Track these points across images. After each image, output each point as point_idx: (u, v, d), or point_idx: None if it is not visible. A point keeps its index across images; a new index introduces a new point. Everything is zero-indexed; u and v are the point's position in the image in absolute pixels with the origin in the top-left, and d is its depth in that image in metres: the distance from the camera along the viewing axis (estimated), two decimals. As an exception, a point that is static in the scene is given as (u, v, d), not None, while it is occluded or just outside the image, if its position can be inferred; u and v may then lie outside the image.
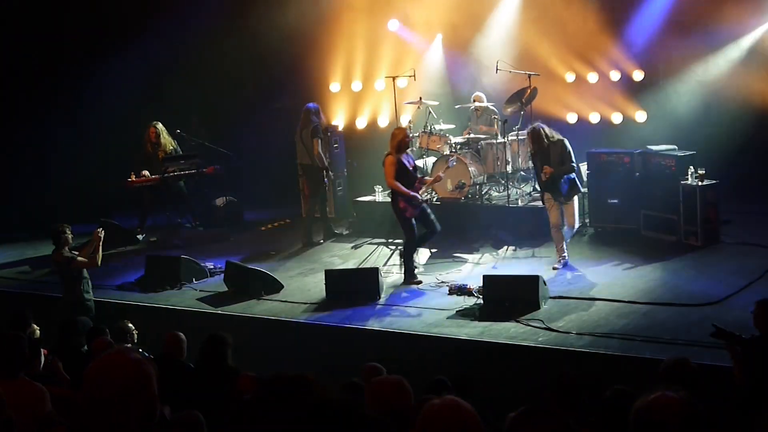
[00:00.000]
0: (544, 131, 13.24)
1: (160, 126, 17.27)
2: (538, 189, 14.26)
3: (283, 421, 2.57)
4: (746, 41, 15.90)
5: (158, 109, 17.94)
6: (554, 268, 13.27)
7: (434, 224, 13.33)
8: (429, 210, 13.41)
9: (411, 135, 16.08)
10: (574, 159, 13.25)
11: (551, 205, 13.36)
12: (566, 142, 13.23)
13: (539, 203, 15.27)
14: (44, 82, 19.15)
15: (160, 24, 18.49)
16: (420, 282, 13.12)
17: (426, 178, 13.96)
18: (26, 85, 19.18)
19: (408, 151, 13.43)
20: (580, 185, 13.53)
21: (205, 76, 19.12)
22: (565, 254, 13.42)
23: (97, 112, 18.99)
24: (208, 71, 19.09)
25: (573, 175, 13.22)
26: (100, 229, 12.46)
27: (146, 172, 16.91)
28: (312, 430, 2.53)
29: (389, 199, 16.64)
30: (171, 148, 17.32)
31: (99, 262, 12.45)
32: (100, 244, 12.33)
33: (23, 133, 19.26)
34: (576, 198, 13.51)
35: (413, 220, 13.15)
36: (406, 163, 13.14)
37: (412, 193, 12.99)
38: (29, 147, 19.28)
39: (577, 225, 13.69)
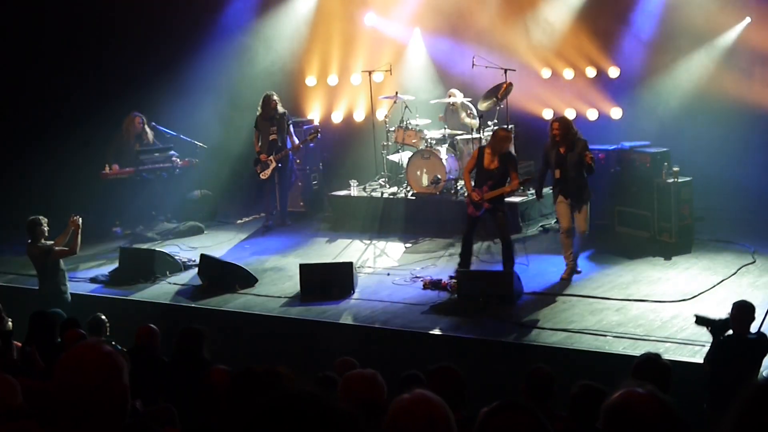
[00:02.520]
0: (573, 124, 12.64)
1: (143, 117, 17.30)
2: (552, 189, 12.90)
3: (253, 413, 2.56)
4: (722, 40, 15.96)
5: (133, 102, 17.84)
6: (563, 278, 12.55)
7: (502, 239, 12.65)
8: (501, 221, 12.62)
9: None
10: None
11: (563, 208, 12.53)
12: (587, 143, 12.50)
13: (514, 199, 15.29)
14: (16, 70, 18.99)
15: (137, 18, 18.41)
16: (452, 279, 12.56)
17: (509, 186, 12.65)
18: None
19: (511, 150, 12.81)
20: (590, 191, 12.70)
21: (180, 67, 19.02)
22: (575, 263, 12.69)
23: (69, 104, 18.85)
24: (183, 64, 18.99)
25: (587, 178, 12.46)
26: (76, 216, 12.37)
27: (116, 166, 16.86)
28: (281, 421, 2.52)
29: (369, 194, 16.79)
30: (151, 139, 17.31)
31: (77, 250, 12.39)
32: (79, 230, 12.25)
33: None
34: (588, 204, 12.61)
35: (472, 218, 12.65)
36: (486, 159, 12.46)
37: (474, 191, 12.49)
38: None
39: (587, 233, 12.66)
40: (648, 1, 16.20)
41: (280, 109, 16.42)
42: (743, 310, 8.44)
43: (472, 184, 12.67)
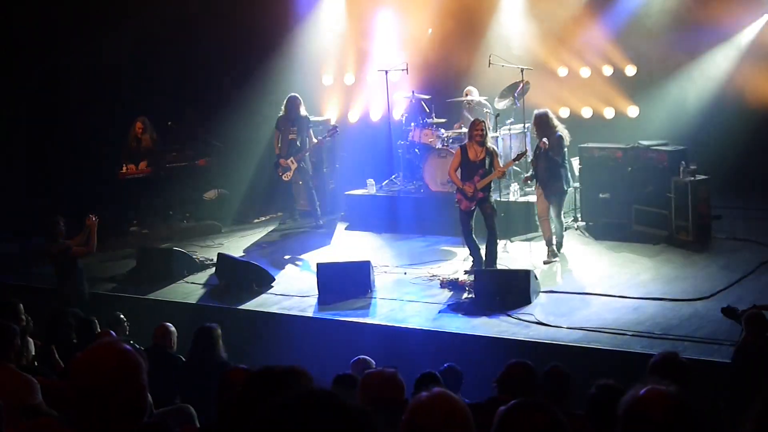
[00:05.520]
0: (551, 119, 13.35)
1: (147, 121, 17.25)
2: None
3: (270, 412, 2.56)
4: (739, 37, 15.91)
5: (150, 101, 17.89)
6: (544, 262, 13.34)
7: (490, 230, 12.99)
8: (489, 212, 12.93)
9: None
10: (563, 154, 13.20)
11: (538, 195, 13.56)
12: (563, 138, 13.21)
13: (531, 198, 15.29)
14: (32, 72, 19.06)
15: (153, 14, 18.44)
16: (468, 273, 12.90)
17: (500, 168, 13.07)
18: (14, 76, 19.09)
19: (488, 142, 13.03)
20: (565, 183, 13.38)
21: (198, 67, 19.08)
22: (553, 246, 13.47)
23: (88, 103, 18.93)
24: (201, 62, 19.05)
25: (561, 170, 13.20)
26: (93, 216, 12.42)
27: (132, 165, 16.89)
28: (297, 421, 2.52)
29: (385, 193, 16.80)
30: (150, 145, 17.24)
31: (94, 248, 12.42)
32: (95, 229, 12.29)
33: (10, 125, 19.17)
34: (561, 195, 13.44)
35: (467, 213, 12.94)
36: (472, 154, 12.89)
37: (465, 185, 12.81)
38: (18, 137, 19.18)
39: (561, 221, 13.57)
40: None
41: (303, 111, 16.48)
42: (755, 321, 8.36)
43: (461, 180, 13.02)
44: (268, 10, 18.41)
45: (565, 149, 13.36)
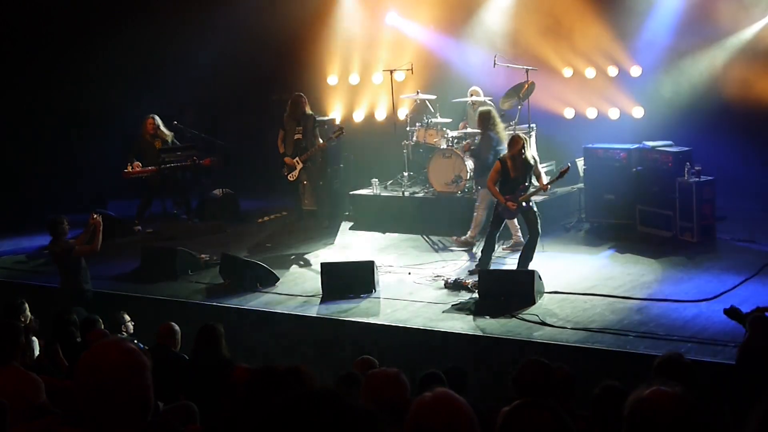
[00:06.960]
0: (491, 119, 14.63)
1: (157, 118, 17.24)
2: None
3: (272, 412, 2.57)
4: (744, 36, 15.89)
5: (154, 100, 17.90)
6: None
7: (533, 233, 12.87)
8: (534, 219, 12.84)
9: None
10: (493, 154, 14.05)
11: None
12: (493, 139, 14.43)
13: (537, 198, 15.29)
14: (39, 70, 19.08)
15: (156, 12, 18.47)
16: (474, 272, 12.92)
17: (542, 181, 13.02)
18: (21, 74, 19.10)
19: (527, 155, 12.82)
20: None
21: (202, 66, 19.08)
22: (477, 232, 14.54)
23: (92, 102, 18.95)
24: (205, 62, 19.05)
25: (486, 170, 13.76)
26: (96, 215, 12.41)
27: (138, 164, 16.89)
28: (300, 420, 2.52)
29: (390, 193, 16.79)
30: (168, 139, 17.28)
31: (99, 247, 12.41)
32: (100, 228, 12.28)
33: (18, 123, 19.18)
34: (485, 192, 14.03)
35: (501, 217, 13.06)
36: (512, 168, 12.71)
37: (509, 201, 12.63)
38: (23, 136, 19.20)
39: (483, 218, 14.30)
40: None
41: (308, 110, 16.42)
42: (760, 324, 8.33)
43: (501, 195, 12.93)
44: (274, 10, 18.39)
45: (499, 148, 13.95)
